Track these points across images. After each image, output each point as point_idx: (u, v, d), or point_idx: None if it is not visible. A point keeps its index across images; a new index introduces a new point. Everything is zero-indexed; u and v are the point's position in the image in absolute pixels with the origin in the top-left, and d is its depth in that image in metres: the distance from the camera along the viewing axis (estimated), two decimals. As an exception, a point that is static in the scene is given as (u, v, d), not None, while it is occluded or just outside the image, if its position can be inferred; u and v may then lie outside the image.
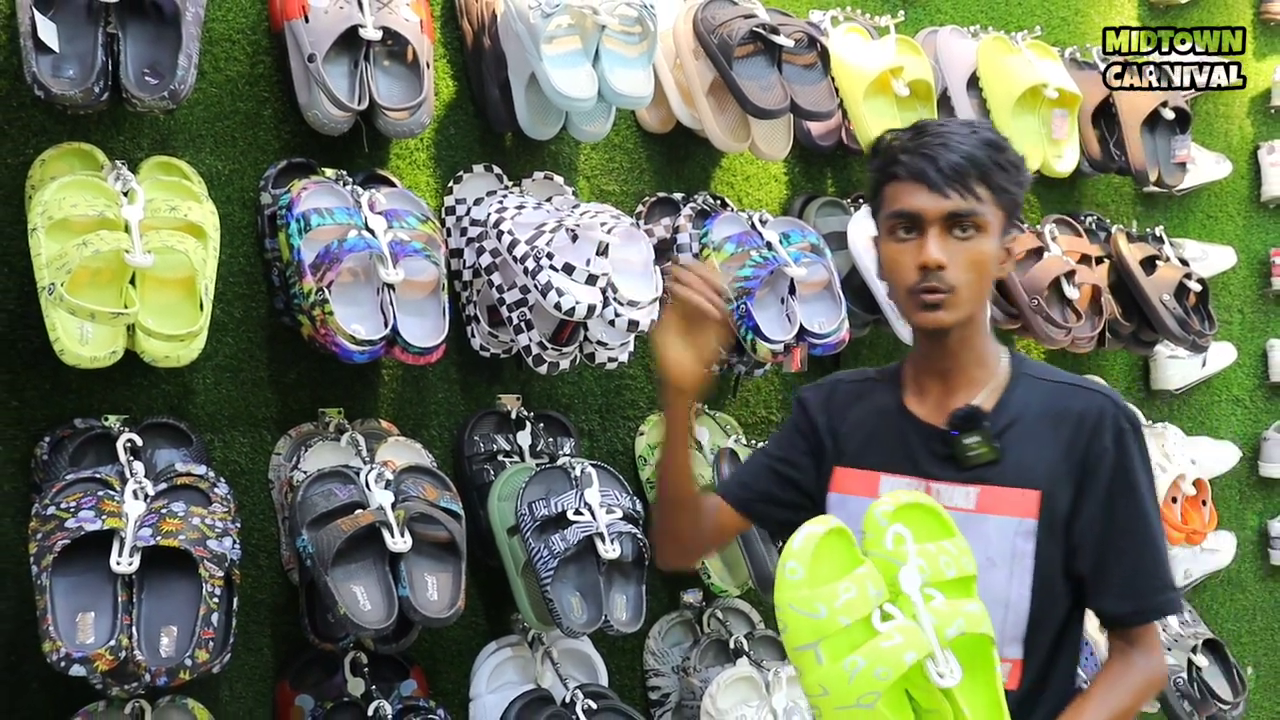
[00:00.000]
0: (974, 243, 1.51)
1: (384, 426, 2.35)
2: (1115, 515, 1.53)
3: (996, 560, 1.52)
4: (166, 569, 1.88)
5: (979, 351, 1.59)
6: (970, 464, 1.54)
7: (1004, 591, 1.52)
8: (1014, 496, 1.53)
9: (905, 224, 1.52)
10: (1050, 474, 1.53)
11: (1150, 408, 3.36)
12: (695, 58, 2.41)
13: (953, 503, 1.54)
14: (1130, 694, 1.52)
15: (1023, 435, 1.55)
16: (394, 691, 2.28)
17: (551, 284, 2.06)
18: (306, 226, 2.05)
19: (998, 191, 1.51)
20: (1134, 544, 1.54)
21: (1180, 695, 2.83)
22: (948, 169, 1.49)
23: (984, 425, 1.55)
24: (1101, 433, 1.54)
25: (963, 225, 1.50)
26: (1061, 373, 1.64)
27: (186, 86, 1.91)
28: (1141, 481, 1.55)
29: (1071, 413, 1.55)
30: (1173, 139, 3.00)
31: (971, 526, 1.51)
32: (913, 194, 1.51)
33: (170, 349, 1.87)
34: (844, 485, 1.64)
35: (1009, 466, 1.54)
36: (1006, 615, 1.52)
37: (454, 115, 2.44)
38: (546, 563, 2.16)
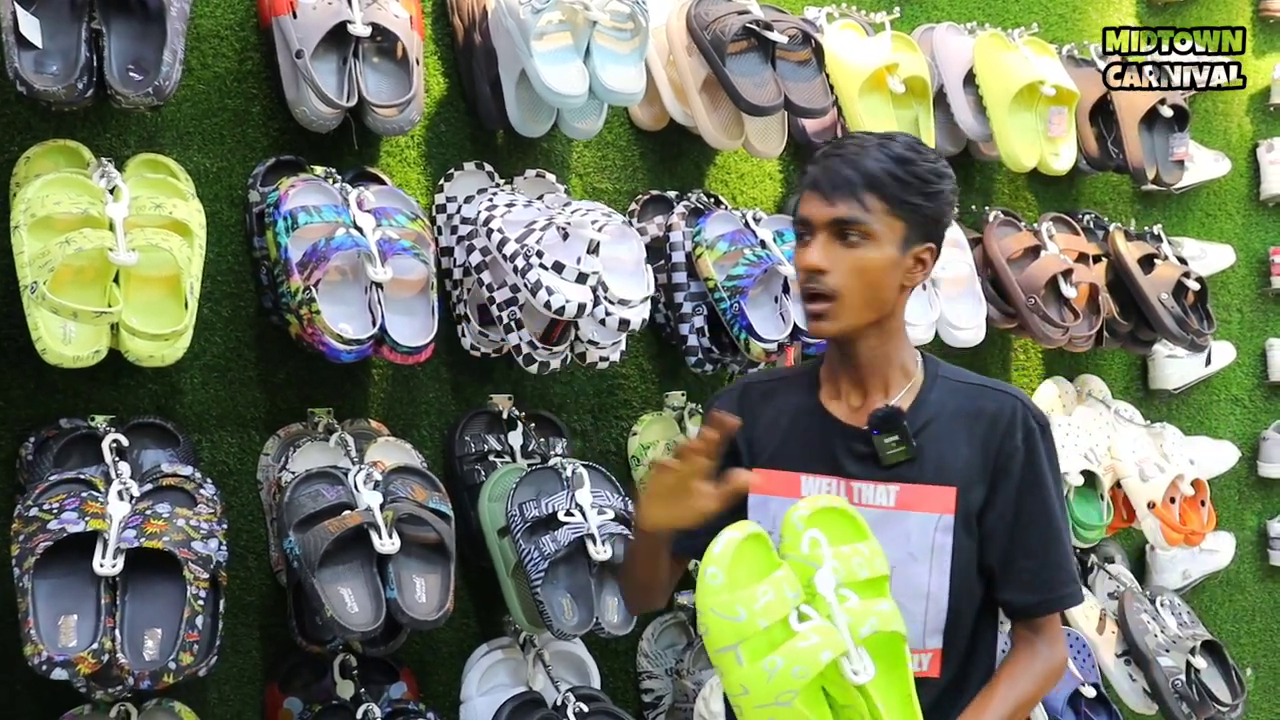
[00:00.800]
0: (861, 250, 1.56)
1: (374, 426, 2.32)
2: (1023, 511, 1.61)
3: (917, 555, 1.60)
4: (151, 571, 1.86)
5: (892, 357, 1.65)
6: (889, 463, 1.61)
7: (924, 585, 1.60)
8: (932, 493, 1.60)
9: (801, 229, 1.61)
10: (965, 471, 1.61)
11: (1149, 407, 3.33)
12: (688, 54, 2.39)
13: (873, 501, 1.61)
14: (1034, 683, 1.61)
15: (938, 434, 1.62)
16: (384, 694, 2.26)
17: (541, 282, 2.04)
18: (294, 224, 2.02)
19: (894, 203, 1.56)
20: (1040, 538, 1.62)
21: (1179, 697, 2.81)
22: (838, 178, 1.56)
23: (902, 425, 1.60)
24: (1013, 432, 1.61)
25: (847, 233, 1.56)
26: (974, 375, 1.72)
27: (171, 83, 1.89)
28: (1049, 479, 1.63)
29: (984, 413, 1.62)
30: (1171, 137, 2.98)
31: (892, 523, 1.60)
32: (808, 201, 1.60)
33: (154, 348, 1.85)
34: (764, 487, 1.67)
35: (926, 465, 1.61)
36: (928, 607, 1.61)
37: (445, 112, 2.42)
38: (537, 564, 2.13)
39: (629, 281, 2.14)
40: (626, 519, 2.23)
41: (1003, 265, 2.72)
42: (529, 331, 2.16)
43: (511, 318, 2.16)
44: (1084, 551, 3.11)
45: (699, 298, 2.41)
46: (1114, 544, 3.20)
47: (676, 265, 2.41)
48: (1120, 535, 3.22)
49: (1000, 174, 3.09)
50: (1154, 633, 2.88)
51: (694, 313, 2.41)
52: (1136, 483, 2.88)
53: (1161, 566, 3.26)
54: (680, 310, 2.42)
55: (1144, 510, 2.87)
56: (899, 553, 1.59)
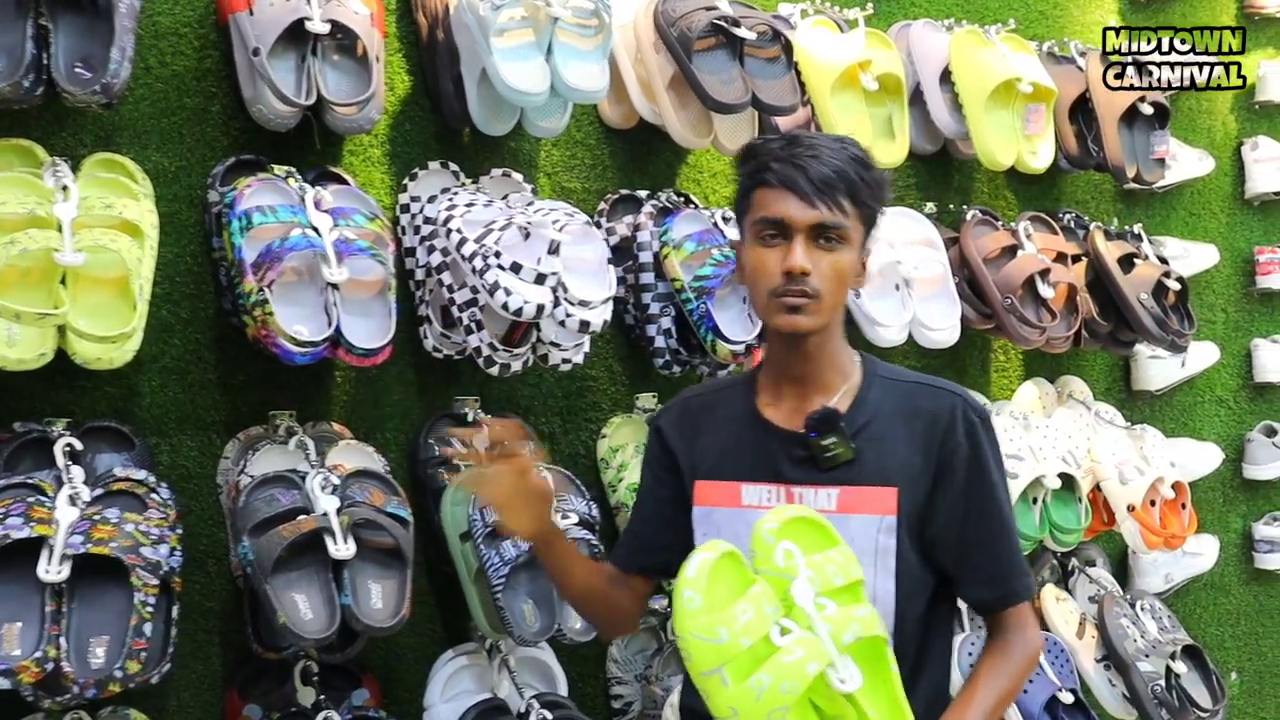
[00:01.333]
0: (837, 253, 1.57)
1: (336, 430, 2.29)
2: (971, 508, 1.61)
3: (861, 558, 1.56)
4: (98, 578, 1.83)
5: (834, 356, 1.65)
6: (828, 465, 1.59)
7: (870, 588, 1.56)
8: (873, 495, 1.59)
9: (773, 230, 1.57)
10: (906, 471, 1.60)
11: (1131, 409, 3.30)
12: (656, 51, 2.35)
13: (814, 505, 1.59)
14: (1010, 678, 1.61)
15: (878, 435, 1.61)
16: (345, 701, 2.22)
17: (499, 283, 2.00)
18: (248, 224, 1.99)
19: (861, 206, 1.58)
20: (991, 534, 1.62)
21: (1158, 703, 2.77)
22: (818, 180, 1.54)
23: (840, 426, 1.59)
24: (954, 429, 1.61)
25: (827, 236, 1.56)
26: (912, 373, 1.72)
27: (120, 80, 1.85)
28: (994, 473, 1.63)
29: (924, 411, 1.62)
30: (1151, 135, 2.94)
31: (835, 527, 1.56)
32: (782, 201, 1.56)
33: (102, 350, 1.82)
34: (706, 498, 1.67)
35: (866, 466, 1.60)
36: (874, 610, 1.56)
37: (410, 111, 2.39)
38: (498, 570, 2.10)
39: (591, 282, 2.10)
40: (590, 523, 2.20)
41: (979, 265, 2.69)
42: (490, 333, 2.13)
43: (472, 319, 2.12)
44: (1064, 555, 3.08)
45: (666, 298, 2.37)
46: (1095, 547, 3.16)
47: (644, 266, 2.38)
48: (1102, 539, 3.19)
49: (980, 173, 3.05)
50: (1133, 637, 2.85)
51: (661, 314, 2.38)
52: (1116, 485, 2.84)
53: (1143, 570, 3.22)
54: (647, 311, 2.39)
55: (1123, 513, 2.83)
56: None
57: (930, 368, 2.94)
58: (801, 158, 1.56)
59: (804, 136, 1.61)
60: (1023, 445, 2.70)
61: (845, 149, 1.59)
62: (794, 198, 1.55)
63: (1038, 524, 2.71)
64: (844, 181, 1.55)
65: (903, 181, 2.94)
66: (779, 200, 1.56)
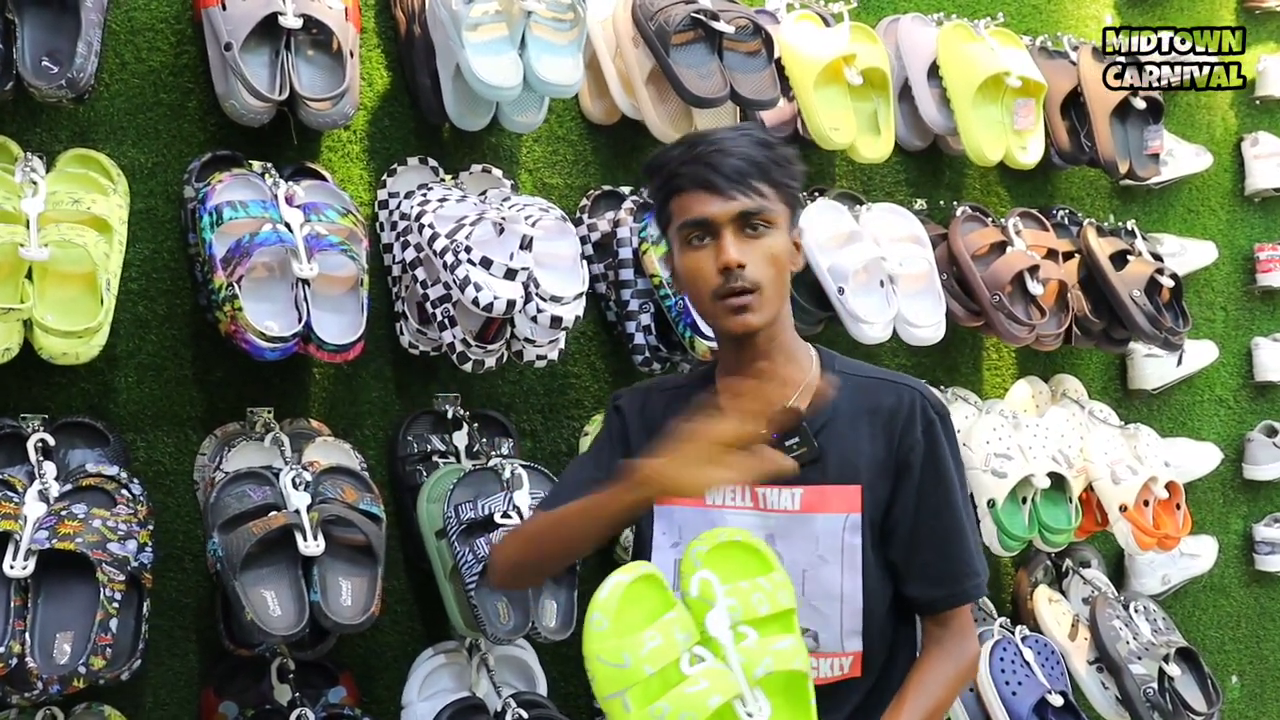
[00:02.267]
0: (767, 239, 1.55)
1: (314, 426, 2.28)
2: (924, 504, 1.59)
3: (827, 557, 1.57)
4: (65, 573, 1.83)
5: (788, 350, 1.63)
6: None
7: (837, 586, 1.57)
8: (837, 493, 1.57)
9: (699, 232, 1.55)
10: (869, 468, 1.58)
11: (1128, 408, 3.26)
12: (634, 45, 2.33)
13: (779, 505, 1.58)
14: (944, 687, 1.58)
15: (839, 432, 1.59)
16: (322, 699, 2.21)
17: (470, 278, 1.99)
18: (219, 220, 1.99)
19: (779, 188, 1.56)
20: (942, 531, 1.59)
21: (1150, 706, 2.73)
22: (730, 172, 1.52)
23: (802, 426, 1.57)
24: (913, 425, 1.59)
25: (753, 224, 1.54)
26: (870, 367, 1.69)
27: (86, 75, 1.85)
28: (950, 471, 1.61)
29: (884, 407, 1.60)
30: (1145, 130, 2.90)
31: (800, 527, 1.57)
32: (701, 201, 1.54)
33: (68, 345, 1.81)
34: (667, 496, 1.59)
35: (829, 464, 1.58)
36: (843, 609, 1.58)
37: (388, 106, 2.38)
38: (471, 567, 2.09)
39: (564, 278, 2.09)
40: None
41: (967, 261, 2.66)
42: (464, 329, 2.11)
43: (445, 315, 2.11)
44: (1058, 556, 3.04)
45: (645, 295, 2.36)
46: (1090, 548, 3.12)
47: (623, 262, 2.36)
48: (1098, 540, 3.15)
49: (971, 169, 3.02)
50: (1126, 639, 2.81)
51: (641, 310, 2.36)
52: (1108, 485, 2.80)
53: (1140, 571, 3.18)
54: (627, 308, 2.37)
55: (1116, 513, 2.79)
56: (809, 556, 1.57)
57: (920, 365, 2.91)
58: (707, 155, 1.54)
59: (704, 135, 1.58)
60: (1012, 444, 2.67)
61: (747, 135, 1.57)
62: (711, 195, 1.53)
63: (1027, 524, 2.67)
64: (755, 166, 1.54)
65: (892, 178, 2.91)
66: (697, 201, 1.55)
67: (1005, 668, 2.65)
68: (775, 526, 1.59)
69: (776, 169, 1.55)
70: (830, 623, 1.58)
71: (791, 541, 1.58)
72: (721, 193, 1.52)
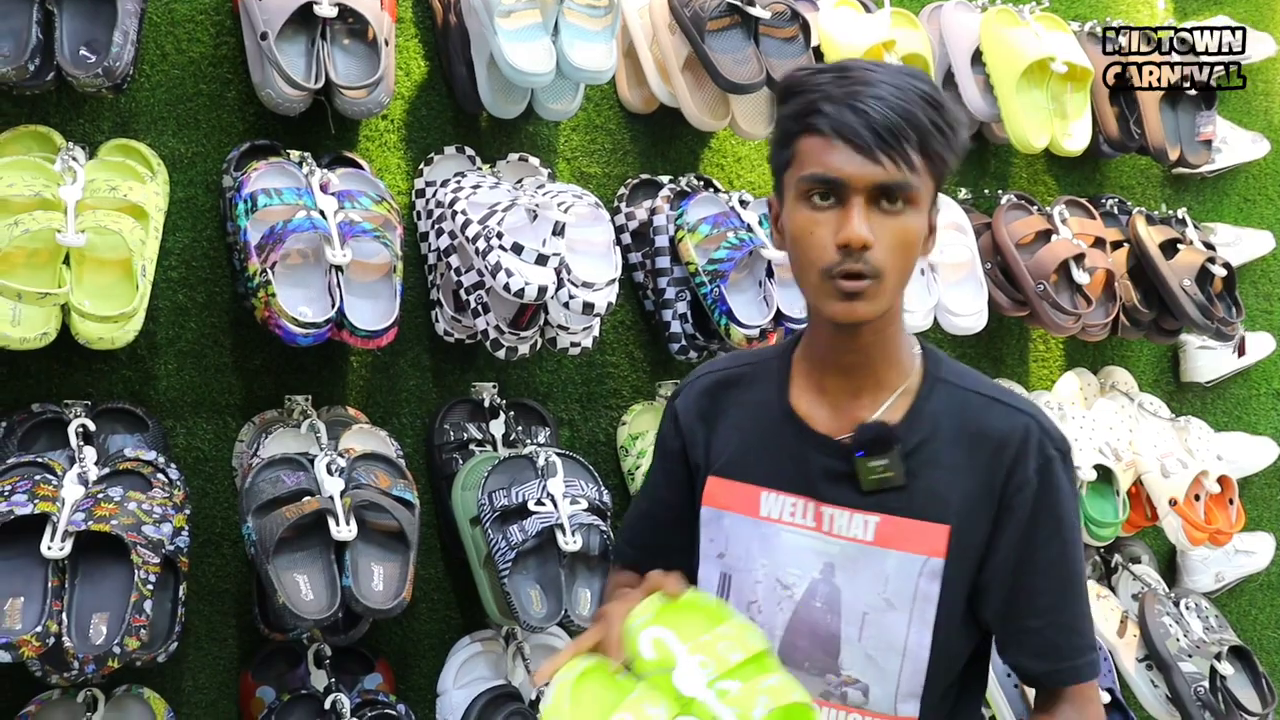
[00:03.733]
0: (904, 219, 1.26)
1: (351, 414, 2.29)
2: (1031, 558, 1.32)
3: (895, 602, 1.33)
4: (101, 555, 1.84)
5: (892, 348, 1.36)
6: (871, 489, 1.33)
7: (901, 638, 1.33)
8: (919, 530, 1.32)
9: (823, 189, 1.26)
10: (963, 506, 1.32)
11: (1180, 401, 3.19)
12: (670, 32, 2.32)
13: (847, 533, 1.35)
14: None
15: (934, 457, 1.33)
16: (358, 685, 2.23)
17: (501, 264, 1.99)
18: (253, 207, 2.00)
19: (934, 160, 1.27)
20: (1052, 593, 1.34)
21: (1201, 705, 2.67)
22: (883, 129, 1.22)
23: (894, 448, 1.32)
24: (1024, 460, 1.31)
25: (892, 198, 1.25)
26: (983, 380, 1.41)
27: (123, 63, 1.87)
28: (1067, 520, 1.34)
29: (992, 434, 1.32)
30: (1197, 115, 2.83)
31: (868, 561, 1.34)
32: (837, 154, 1.24)
33: (103, 330, 1.84)
34: (718, 498, 1.44)
35: (917, 494, 1.32)
36: (903, 665, 1.34)
37: (426, 95, 2.38)
38: (504, 554, 2.09)
39: (596, 264, 2.08)
40: (601, 509, 2.17)
41: (1011, 250, 2.61)
42: (497, 316, 2.11)
43: (479, 301, 2.11)
44: (1107, 551, 2.98)
45: (682, 283, 2.34)
46: (1141, 544, 3.06)
47: (660, 250, 2.35)
48: (1149, 536, 3.08)
49: (1018, 158, 2.97)
50: (1176, 637, 2.75)
51: (677, 299, 2.35)
52: (1158, 478, 2.74)
53: (1192, 568, 3.11)
54: (663, 296, 2.36)
55: (1165, 508, 2.73)
56: (874, 596, 1.34)
57: (965, 357, 2.87)
58: (860, 98, 1.23)
59: (859, 69, 1.27)
60: (1057, 435, 2.62)
61: (914, 84, 1.26)
62: (852, 150, 1.24)
63: (1072, 517, 2.62)
64: (914, 128, 1.24)
65: (936, 166, 2.87)
66: (832, 152, 1.25)
67: (1050, 663, 2.60)
68: (837, 555, 1.35)
69: (937, 136, 1.25)
70: (886, 679, 1.35)
71: (855, 576, 1.34)
72: (866, 151, 1.23)
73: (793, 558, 1.38)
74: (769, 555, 1.39)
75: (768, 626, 1.38)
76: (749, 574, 1.41)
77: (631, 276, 2.48)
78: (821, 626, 1.37)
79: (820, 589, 1.37)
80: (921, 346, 1.41)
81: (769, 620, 1.39)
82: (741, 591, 1.42)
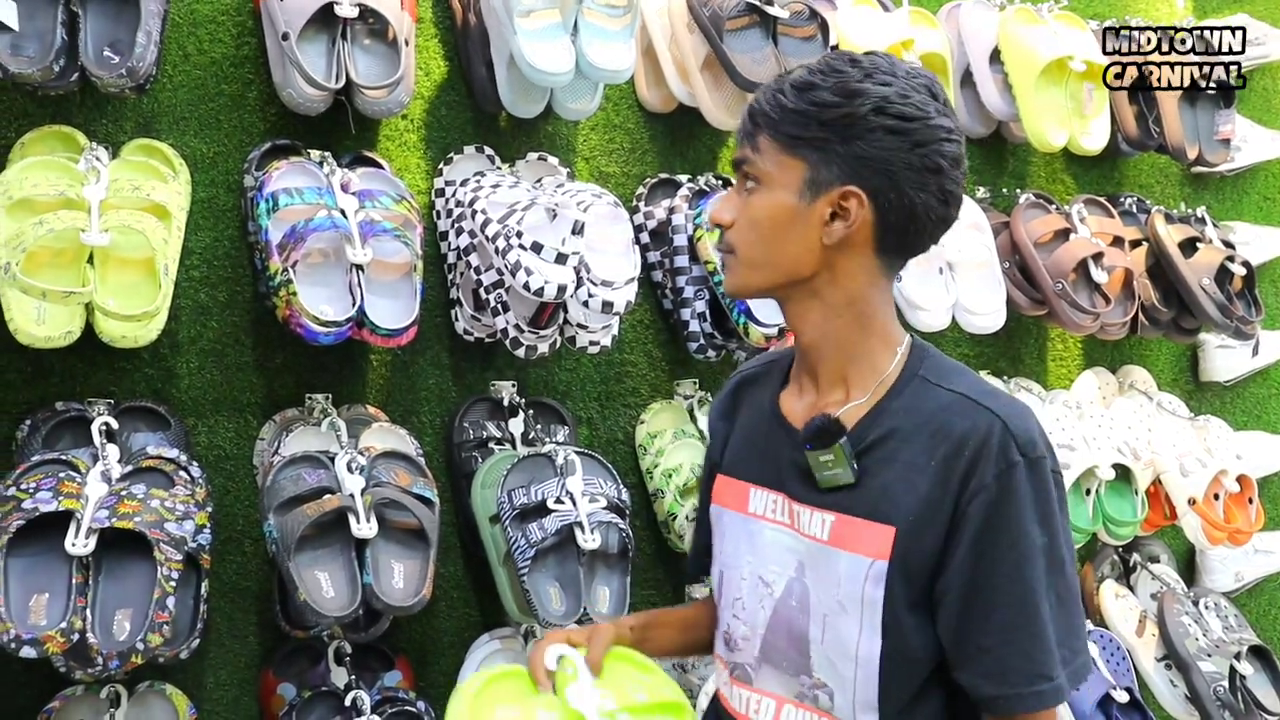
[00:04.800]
0: (754, 198, 1.31)
1: (371, 413, 2.31)
2: (988, 572, 1.24)
3: (847, 606, 1.29)
4: (125, 552, 1.86)
5: (852, 344, 1.33)
6: (826, 485, 1.31)
7: (853, 645, 1.30)
8: (868, 531, 1.27)
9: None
10: (914, 508, 1.26)
11: (1199, 400, 3.18)
12: (689, 32, 2.33)
13: (809, 530, 1.33)
14: None
15: (891, 456, 1.28)
16: (378, 682, 2.24)
17: (520, 263, 2.00)
18: (275, 206, 2.02)
19: (786, 140, 1.27)
20: (1008, 610, 1.24)
21: (1220, 704, 2.66)
22: (751, 114, 1.32)
23: (840, 441, 1.29)
24: (983, 463, 1.23)
25: (747, 178, 1.33)
26: (966, 378, 1.33)
27: (146, 64, 1.89)
28: (1028, 535, 1.23)
29: (952, 434, 1.25)
30: (1216, 114, 2.82)
31: (825, 561, 1.31)
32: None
33: (127, 329, 1.85)
34: (721, 496, 1.46)
35: (868, 494, 1.29)
36: (857, 674, 1.30)
37: (446, 95, 2.40)
38: (524, 552, 2.09)
39: (615, 263, 2.09)
40: (620, 508, 2.18)
41: (1029, 248, 2.61)
42: (517, 314, 2.12)
43: (499, 300, 2.12)
44: (1126, 550, 2.98)
45: (700, 282, 2.35)
46: (1159, 543, 3.05)
47: (678, 249, 2.36)
48: (1168, 535, 3.08)
49: (1036, 157, 2.97)
50: (1195, 636, 2.74)
51: (695, 297, 2.35)
52: (1176, 478, 2.73)
53: (1212, 568, 3.10)
54: (682, 295, 2.37)
55: (1184, 507, 2.73)
56: (829, 600, 1.31)
57: (983, 355, 2.87)
58: (772, 84, 1.32)
59: (820, 61, 1.31)
60: (1075, 434, 2.61)
61: (793, 75, 1.29)
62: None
63: (1091, 516, 2.62)
64: (755, 114, 1.30)
65: (954, 165, 2.86)
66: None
67: (1068, 663, 2.60)
68: (804, 553, 1.35)
69: (789, 117, 1.27)
70: (844, 685, 1.32)
71: (819, 576, 1.33)
72: (741, 135, 1.34)
73: (773, 554, 1.38)
74: (754, 552, 1.40)
75: (751, 624, 1.39)
76: (737, 570, 1.42)
77: (650, 275, 2.48)
78: (795, 626, 1.35)
79: (795, 588, 1.36)
80: (913, 345, 1.37)
81: (751, 618, 1.39)
82: (730, 587, 1.43)
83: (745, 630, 1.39)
